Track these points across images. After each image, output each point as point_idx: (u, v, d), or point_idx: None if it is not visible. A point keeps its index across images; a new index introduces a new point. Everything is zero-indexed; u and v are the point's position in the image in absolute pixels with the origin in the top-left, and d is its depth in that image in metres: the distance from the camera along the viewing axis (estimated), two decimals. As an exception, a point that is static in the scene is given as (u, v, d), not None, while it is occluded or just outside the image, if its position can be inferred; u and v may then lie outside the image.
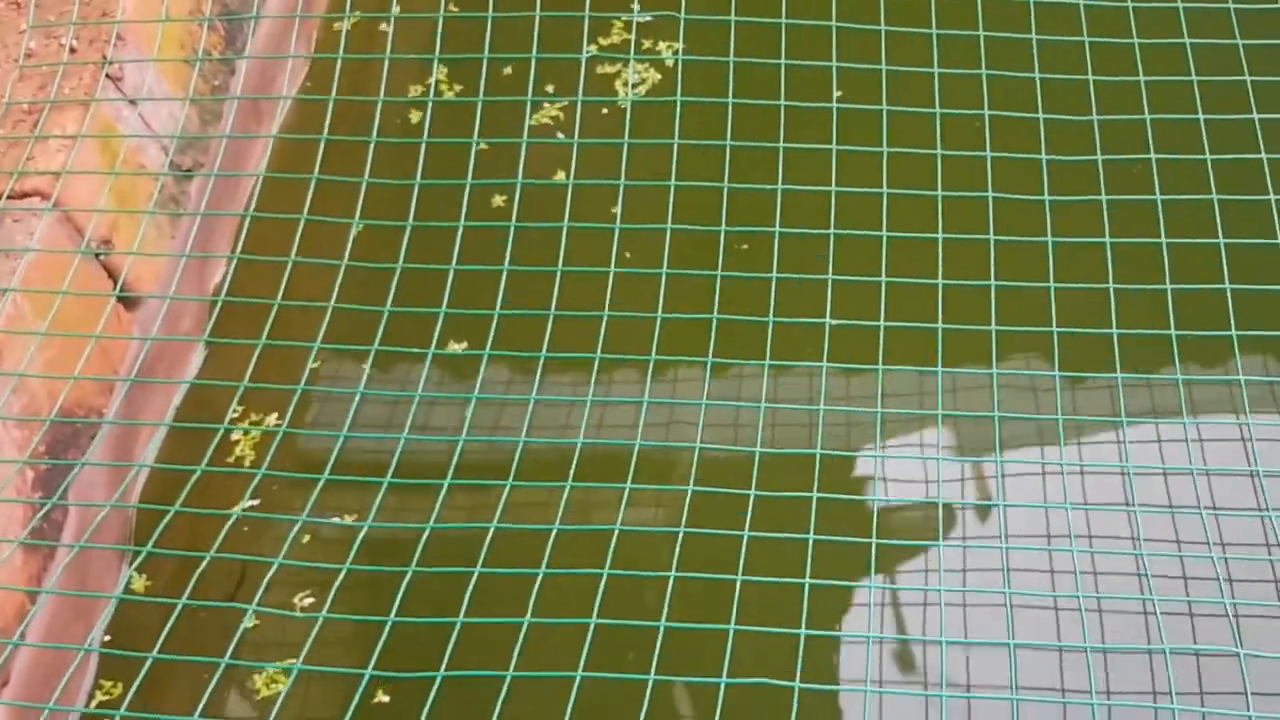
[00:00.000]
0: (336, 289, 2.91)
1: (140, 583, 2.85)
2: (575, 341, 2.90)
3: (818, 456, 2.70)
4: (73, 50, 3.26)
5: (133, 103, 3.25)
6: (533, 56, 3.24)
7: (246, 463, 2.88)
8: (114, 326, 3.06)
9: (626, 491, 2.60)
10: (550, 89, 3.44)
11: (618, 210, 3.11)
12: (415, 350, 2.88)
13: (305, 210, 2.99)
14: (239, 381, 2.81)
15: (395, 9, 3.47)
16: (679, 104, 3.11)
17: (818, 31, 3.21)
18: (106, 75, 3.20)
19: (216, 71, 3.59)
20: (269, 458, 2.71)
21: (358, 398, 2.76)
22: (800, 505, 2.60)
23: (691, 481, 2.64)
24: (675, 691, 2.59)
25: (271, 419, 2.91)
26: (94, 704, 2.72)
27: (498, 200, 3.27)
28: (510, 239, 2.99)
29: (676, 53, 3.38)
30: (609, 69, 3.52)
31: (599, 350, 2.82)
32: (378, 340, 2.81)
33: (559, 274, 2.92)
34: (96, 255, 3.07)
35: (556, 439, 2.83)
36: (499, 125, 3.30)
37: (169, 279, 3.25)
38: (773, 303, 2.90)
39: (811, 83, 3.24)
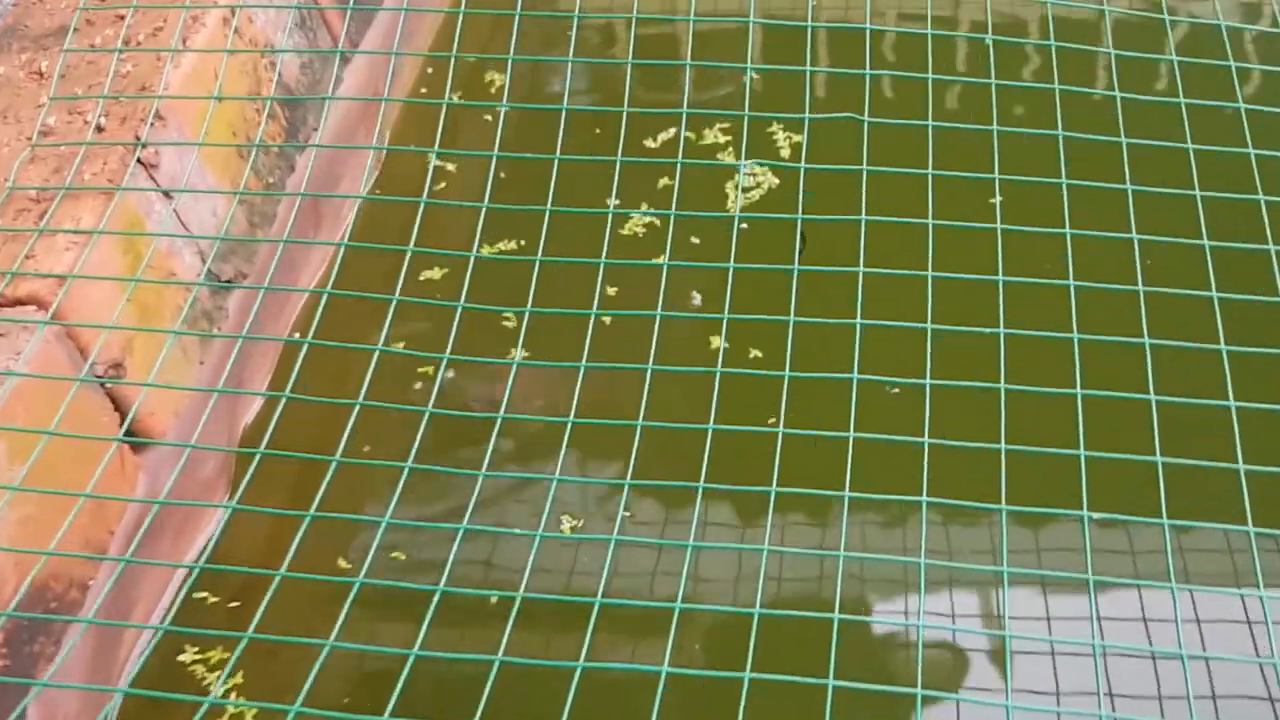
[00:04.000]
0: (416, 446, 2.21)
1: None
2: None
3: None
4: (99, 129, 2.65)
5: (167, 195, 2.63)
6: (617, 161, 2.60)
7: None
8: (115, 475, 2.39)
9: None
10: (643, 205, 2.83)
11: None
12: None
13: (382, 340, 2.31)
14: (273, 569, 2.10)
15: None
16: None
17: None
18: (139, 160, 2.58)
19: (273, 166, 2.98)
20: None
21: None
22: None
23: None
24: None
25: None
26: None
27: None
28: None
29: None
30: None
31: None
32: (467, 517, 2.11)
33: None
34: (102, 383, 2.42)
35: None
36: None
37: (192, 416, 2.60)
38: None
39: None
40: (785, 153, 3.20)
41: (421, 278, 2.83)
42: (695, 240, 2.99)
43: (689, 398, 2.37)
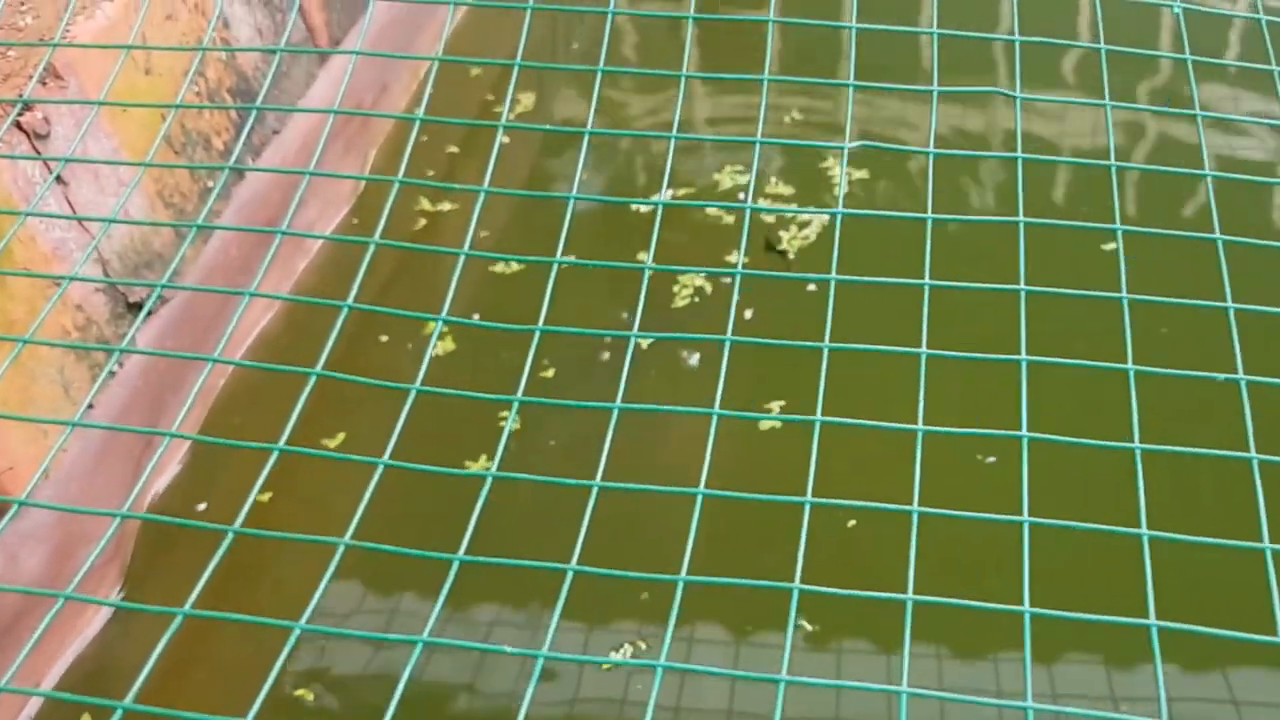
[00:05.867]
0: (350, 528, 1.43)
1: None
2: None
3: None
4: (-25, 86, 1.97)
5: (52, 171, 1.92)
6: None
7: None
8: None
9: None
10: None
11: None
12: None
13: (320, 364, 1.56)
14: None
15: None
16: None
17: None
18: (16, 123, 1.89)
19: (218, 151, 2.29)
20: None
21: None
22: None
23: None
24: None
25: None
26: None
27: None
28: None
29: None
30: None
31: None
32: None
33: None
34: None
35: None
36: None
37: (75, 478, 1.89)
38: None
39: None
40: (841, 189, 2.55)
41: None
42: (748, 314, 2.30)
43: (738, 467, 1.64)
